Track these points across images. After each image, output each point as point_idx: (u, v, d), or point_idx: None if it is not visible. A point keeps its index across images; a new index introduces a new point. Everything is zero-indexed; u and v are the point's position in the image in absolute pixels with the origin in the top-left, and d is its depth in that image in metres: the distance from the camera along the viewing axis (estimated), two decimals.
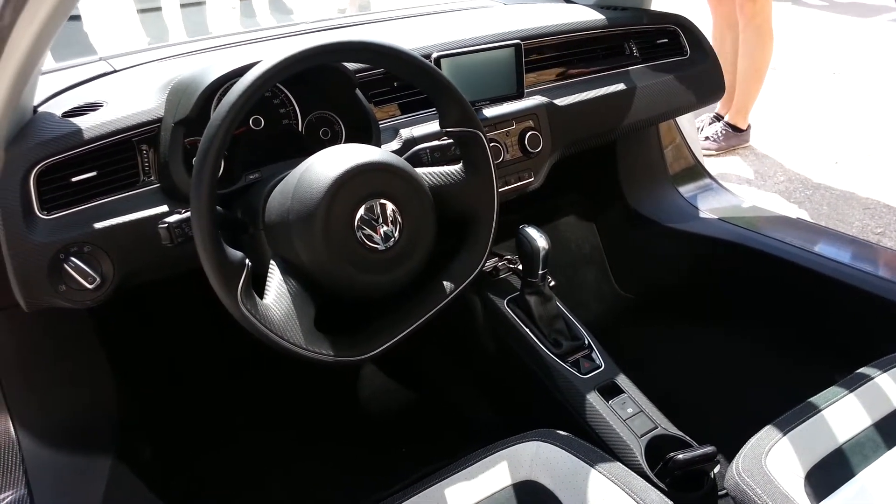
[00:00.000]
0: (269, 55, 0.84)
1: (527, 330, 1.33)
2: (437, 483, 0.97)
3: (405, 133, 1.19)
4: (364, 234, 0.87)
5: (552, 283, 1.37)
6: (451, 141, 1.12)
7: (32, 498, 1.04)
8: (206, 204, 0.79)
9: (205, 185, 0.79)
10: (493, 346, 1.42)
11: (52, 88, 1.15)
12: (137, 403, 1.29)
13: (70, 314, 1.08)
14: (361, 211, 0.87)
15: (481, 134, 0.99)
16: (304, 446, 1.52)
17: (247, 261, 0.84)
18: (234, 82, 1.00)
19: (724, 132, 3.25)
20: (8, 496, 1.03)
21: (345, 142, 1.16)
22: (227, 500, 1.41)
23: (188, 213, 0.86)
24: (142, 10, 5.54)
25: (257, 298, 0.84)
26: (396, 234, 0.89)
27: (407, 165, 0.92)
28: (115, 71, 1.25)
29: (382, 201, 0.88)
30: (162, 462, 1.36)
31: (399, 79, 1.22)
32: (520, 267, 1.44)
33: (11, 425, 1.06)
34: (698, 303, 1.69)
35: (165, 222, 0.85)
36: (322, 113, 1.15)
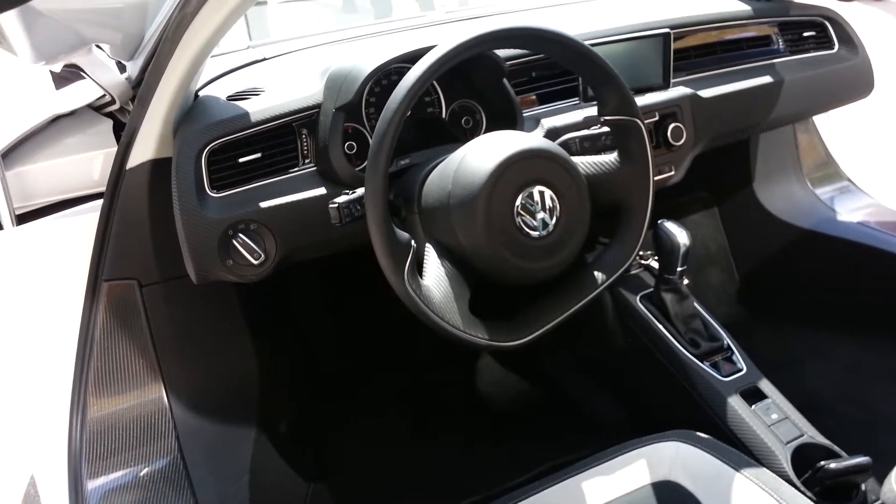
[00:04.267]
0: (444, 41, 0.85)
1: (662, 328, 1.30)
2: (573, 476, 0.95)
3: (547, 123, 1.17)
4: (522, 221, 0.87)
5: (686, 282, 1.33)
6: (601, 130, 1.10)
7: (185, 463, 1.09)
8: (382, 185, 0.81)
9: (381, 167, 0.80)
10: (624, 343, 1.40)
11: (207, 75, 1.20)
12: (276, 378, 1.34)
13: (220, 289, 1.13)
14: (521, 197, 0.86)
15: (641, 122, 0.97)
16: (430, 433, 1.54)
17: (412, 242, 0.85)
18: (398, 69, 1.02)
19: None
20: (163, 460, 1.09)
21: (485, 131, 1.16)
22: (356, 480, 1.45)
23: (356, 194, 0.88)
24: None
25: (420, 279, 0.85)
26: (552, 223, 0.88)
27: (566, 154, 0.92)
28: (266, 59, 1.30)
29: (541, 188, 0.88)
30: (296, 436, 1.40)
31: (539, 68, 1.22)
32: (651, 263, 1.41)
33: (164, 394, 1.11)
34: (837, 308, 1.61)
35: (336, 202, 0.88)
36: (465, 101, 1.16)
